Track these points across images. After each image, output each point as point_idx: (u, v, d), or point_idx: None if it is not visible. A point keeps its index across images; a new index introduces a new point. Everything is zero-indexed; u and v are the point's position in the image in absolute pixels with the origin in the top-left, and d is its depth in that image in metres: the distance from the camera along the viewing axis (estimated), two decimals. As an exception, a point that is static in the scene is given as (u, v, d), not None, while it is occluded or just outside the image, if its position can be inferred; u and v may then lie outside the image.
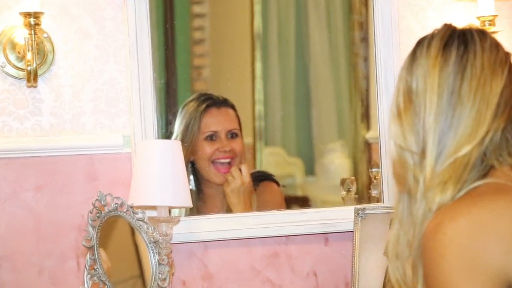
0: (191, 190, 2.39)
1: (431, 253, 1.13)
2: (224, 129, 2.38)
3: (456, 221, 1.13)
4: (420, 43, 1.26)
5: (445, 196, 1.17)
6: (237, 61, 2.89)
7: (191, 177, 2.39)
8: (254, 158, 2.90)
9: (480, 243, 1.11)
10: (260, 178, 2.42)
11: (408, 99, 1.22)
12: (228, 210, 2.36)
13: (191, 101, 2.42)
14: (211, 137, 2.37)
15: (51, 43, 2.20)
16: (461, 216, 1.13)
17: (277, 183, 2.44)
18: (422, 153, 1.20)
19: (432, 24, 2.35)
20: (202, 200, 2.41)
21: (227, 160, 2.38)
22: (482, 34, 1.24)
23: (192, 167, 2.40)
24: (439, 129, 1.19)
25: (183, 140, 2.34)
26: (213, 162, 2.37)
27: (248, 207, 2.33)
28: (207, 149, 2.37)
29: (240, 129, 2.45)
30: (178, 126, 2.39)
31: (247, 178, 2.33)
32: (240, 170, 2.34)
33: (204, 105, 2.39)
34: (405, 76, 1.24)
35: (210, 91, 2.53)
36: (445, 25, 1.26)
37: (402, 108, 1.23)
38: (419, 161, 1.20)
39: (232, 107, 2.44)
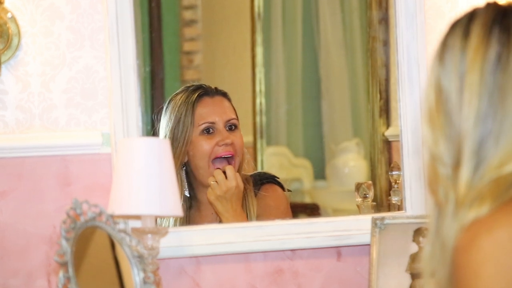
0: (184, 196, 2.40)
1: (464, 272, 1.12)
2: (221, 120, 2.38)
3: (494, 233, 1.12)
4: (454, 27, 1.22)
5: (480, 212, 1.15)
6: (235, 45, 2.90)
7: (185, 180, 2.39)
8: (254, 159, 2.91)
9: None
10: (262, 180, 2.42)
11: (440, 98, 1.20)
12: None
13: (178, 94, 2.42)
14: (208, 130, 2.37)
15: (16, 24, 2.19)
16: (499, 228, 1.12)
17: (281, 186, 2.44)
18: (456, 165, 1.18)
19: (463, 1, 2.35)
20: (195, 207, 2.42)
21: (228, 155, 2.37)
22: None
23: (185, 170, 2.40)
24: (478, 137, 1.16)
25: (174, 139, 2.34)
26: (213, 160, 2.37)
27: (240, 215, 2.33)
28: (205, 145, 2.37)
29: (237, 120, 2.44)
30: (165, 124, 2.38)
31: (233, 181, 2.32)
32: (224, 173, 2.33)
33: (195, 95, 2.39)
34: (436, 70, 1.21)
35: (203, 81, 2.53)
36: (488, 4, 1.21)
37: (434, 107, 1.20)
38: (452, 173, 1.18)
39: (226, 96, 2.44)
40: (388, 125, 2.52)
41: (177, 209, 2.06)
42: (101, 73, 2.23)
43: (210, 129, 2.37)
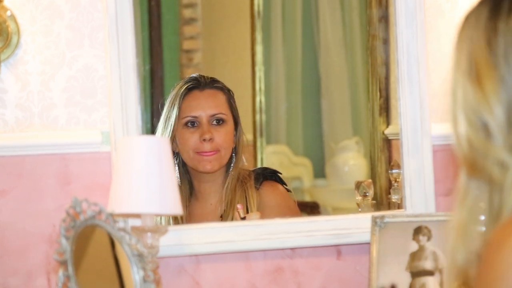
0: (186, 183, 2.42)
1: (490, 270, 1.03)
2: (206, 114, 2.41)
3: None
4: None
5: None
6: (234, 44, 2.90)
7: (177, 170, 2.42)
8: (254, 157, 2.91)
9: None
10: (264, 175, 2.43)
11: (493, 63, 1.11)
12: (227, 207, 2.37)
13: (177, 84, 2.46)
14: (192, 124, 2.40)
15: (16, 23, 2.19)
16: None
17: (283, 183, 2.44)
18: None
19: (462, 1, 2.35)
20: (194, 197, 2.44)
21: (211, 155, 2.39)
22: None
23: (178, 159, 2.43)
24: None
25: (164, 129, 2.37)
26: (197, 153, 2.40)
27: None
28: (188, 138, 2.40)
29: (233, 116, 2.44)
30: (162, 114, 2.42)
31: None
32: (243, 216, 2.34)
33: (184, 88, 2.41)
34: (486, 36, 1.12)
35: (193, 75, 2.53)
36: None
37: (484, 69, 1.11)
38: (510, 142, 1.08)
39: (221, 89, 2.45)
40: (388, 123, 2.52)
41: (177, 208, 2.06)
42: (101, 72, 2.23)
43: (194, 123, 2.40)
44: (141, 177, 2.01)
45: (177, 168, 2.43)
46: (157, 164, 2.01)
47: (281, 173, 2.46)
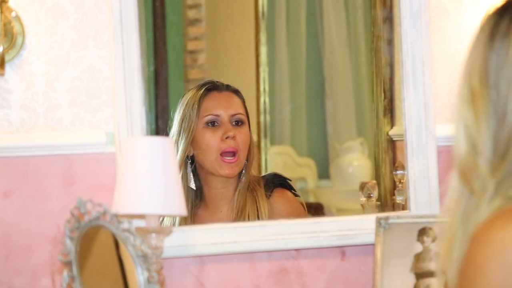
0: (191, 189, 2.41)
1: (470, 264, 1.07)
2: (227, 113, 2.40)
3: (507, 228, 1.06)
4: (507, 11, 1.15)
5: (504, 203, 1.10)
6: (239, 45, 2.90)
7: (190, 174, 2.40)
8: (258, 158, 2.91)
9: None
10: (274, 183, 2.42)
11: (485, 82, 1.13)
12: (238, 215, 2.37)
13: (190, 90, 2.44)
14: (213, 123, 2.38)
15: (21, 23, 2.20)
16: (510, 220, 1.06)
17: (293, 189, 2.43)
18: (501, 158, 1.12)
19: (467, 1, 2.35)
20: (203, 205, 2.42)
21: (231, 150, 2.38)
22: None
23: (191, 163, 2.41)
24: None
25: (180, 132, 2.36)
26: (221, 154, 2.38)
27: None
28: (209, 138, 2.38)
29: (248, 118, 2.44)
30: (175, 118, 2.41)
31: None
32: None
33: (203, 89, 2.40)
34: (483, 52, 1.14)
35: (208, 80, 2.54)
36: None
37: (478, 90, 1.14)
38: (494, 166, 1.13)
39: (237, 93, 2.45)
40: (392, 124, 2.52)
41: (181, 209, 2.06)
42: (105, 73, 2.23)
43: (215, 122, 2.38)
44: (146, 178, 2.01)
45: (191, 172, 2.41)
46: (162, 165, 2.01)
47: (290, 180, 2.44)
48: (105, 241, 2.01)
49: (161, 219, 2.32)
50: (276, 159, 3.05)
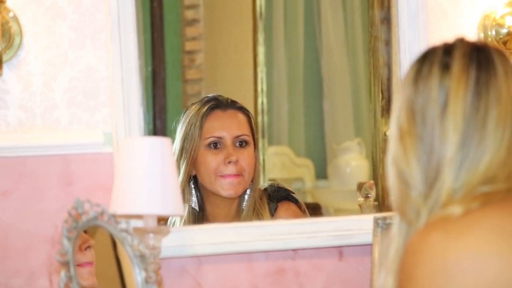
0: (193, 209, 2.36)
1: (401, 272, 1.19)
2: (230, 135, 2.32)
3: (428, 237, 1.17)
4: (428, 57, 1.28)
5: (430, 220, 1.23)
6: (237, 45, 2.90)
7: (193, 193, 2.35)
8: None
9: (453, 260, 1.15)
10: (277, 198, 2.36)
11: (413, 121, 1.26)
12: None
13: (194, 104, 2.36)
14: (215, 145, 2.32)
15: (18, 23, 2.20)
16: (434, 232, 1.18)
17: (296, 201, 2.39)
18: (430, 187, 1.24)
19: (465, 0, 2.35)
20: (206, 221, 2.37)
21: (234, 178, 2.31)
22: (503, 55, 1.28)
23: (195, 182, 2.36)
24: (459, 162, 1.22)
25: (183, 150, 2.31)
26: (221, 176, 2.32)
27: None
28: (210, 160, 2.31)
29: (253, 138, 2.37)
30: (178, 134, 2.33)
31: None
32: None
33: (206, 107, 2.33)
34: (409, 92, 1.27)
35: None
36: (461, 39, 1.30)
37: (406, 128, 1.26)
38: (424, 194, 1.24)
39: (242, 110, 2.37)
40: (390, 124, 2.52)
41: (179, 209, 2.06)
42: (103, 73, 2.23)
43: (218, 144, 2.32)
44: (143, 178, 2.01)
45: (194, 192, 2.35)
46: (159, 165, 2.01)
47: (294, 193, 2.39)
48: (102, 241, 2.01)
49: (172, 219, 2.31)
50: (274, 159, 3.05)
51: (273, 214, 2.35)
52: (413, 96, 1.26)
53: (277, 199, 2.37)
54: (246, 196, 2.36)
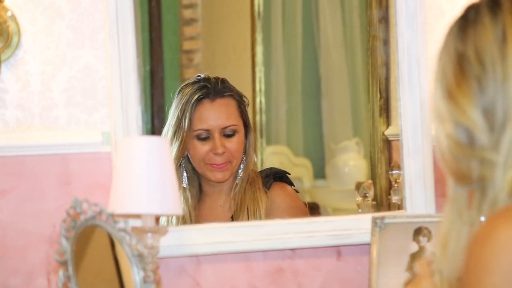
0: (184, 188, 2.42)
1: (475, 264, 1.07)
2: (217, 127, 2.40)
3: (510, 225, 1.06)
4: (469, 7, 1.22)
5: None
6: (235, 44, 2.90)
7: (185, 174, 2.42)
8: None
9: None
10: (273, 176, 2.42)
11: (461, 72, 1.18)
12: (237, 208, 2.37)
13: (188, 86, 2.43)
14: (204, 137, 2.40)
15: (17, 23, 2.20)
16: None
17: (291, 184, 2.44)
18: (499, 131, 1.14)
19: (463, 1, 2.35)
20: (203, 200, 2.44)
21: (222, 167, 2.39)
22: None
23: (189, 161, 2.42)
24: None
25: (174, 135, 2.37)
26: (209, 164, 2.41)
27: None
28: (199, 149, 2.40)
29: (244, 121, 2.43)
30: (171, 115, 2.41)
31: None
32: None
33: (195, 97, 2.39)
34: (456, 46, 1.19)
35: (203, 77, 2.53)
36: None
37: (453, 81, 1.18)
38: (493, 140, 1.14)
39: (232, 95, 2.43)
40: (388, 124, 2.52)
41: (178, 208, 2.06)
42: (101, 72, 2.23)
43: (205, 136, 2.39)
44: (142, 177, 2.01)
45: (185, 171, 2.43)
46: (158, 164, 2.01)
47: (289, 174, 2.45)
48: (101, 240, 2.01)
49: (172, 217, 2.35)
50: (272, 159, 3.05)
51: (267, 191, 2.38)
52: (462, 46, 1.18)
53: (272, 178, 2.42)
54: (239, 171, 2.43)
